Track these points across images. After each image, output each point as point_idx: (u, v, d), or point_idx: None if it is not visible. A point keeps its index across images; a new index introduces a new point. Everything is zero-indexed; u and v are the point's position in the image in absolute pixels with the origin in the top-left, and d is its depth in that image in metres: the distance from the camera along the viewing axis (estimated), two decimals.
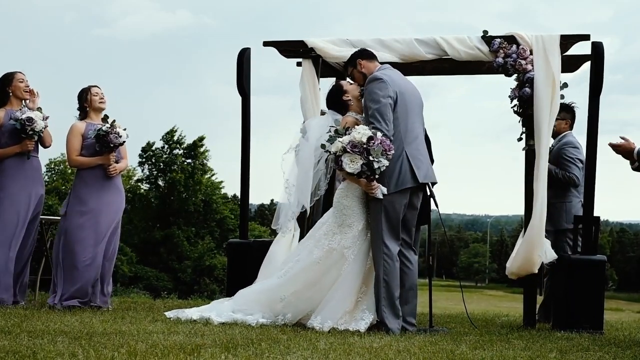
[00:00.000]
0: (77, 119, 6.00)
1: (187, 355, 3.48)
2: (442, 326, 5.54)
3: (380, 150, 4.78)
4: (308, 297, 5.01)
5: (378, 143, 4.78)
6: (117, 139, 5.78)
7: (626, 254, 68.24)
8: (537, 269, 5.46)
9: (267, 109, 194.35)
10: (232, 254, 6.22)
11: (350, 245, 4.99)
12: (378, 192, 4.91)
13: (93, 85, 6.03)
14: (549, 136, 5.54)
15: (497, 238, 76.36)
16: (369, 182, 4.88)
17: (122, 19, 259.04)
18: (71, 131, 5.92)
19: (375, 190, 4.90)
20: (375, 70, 5.19)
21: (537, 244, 5.42)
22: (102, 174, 5.87)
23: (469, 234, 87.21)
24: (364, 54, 5.34)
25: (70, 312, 5.37)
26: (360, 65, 5.27)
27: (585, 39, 5.60)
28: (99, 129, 5.76)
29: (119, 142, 5.80)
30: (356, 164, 4.81)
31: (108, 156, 5.84)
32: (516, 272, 5.55)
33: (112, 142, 5.76)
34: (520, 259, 5.48)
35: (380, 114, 4.91)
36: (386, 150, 4.81)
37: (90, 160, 5.85)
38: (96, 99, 5.96)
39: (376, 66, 5.26)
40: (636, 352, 4.17)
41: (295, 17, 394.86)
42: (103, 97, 6.00)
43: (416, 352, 3.89)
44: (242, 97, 6.29)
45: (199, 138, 40.37)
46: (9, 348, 3.52)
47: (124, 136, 5.85)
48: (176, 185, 39.09)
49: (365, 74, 5.21)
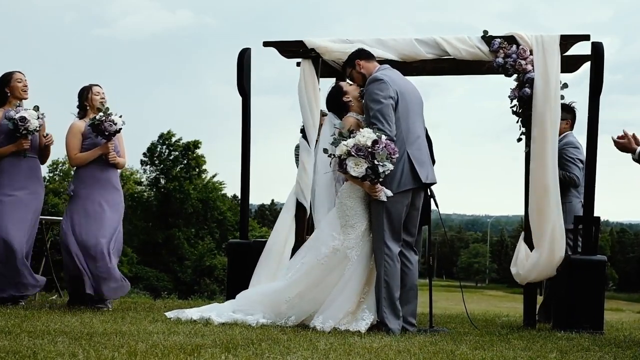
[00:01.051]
0: (75, 117, 6.00)
1: (187, 355, 3.48)
2: (442, 326, 5.54)
3: (385, 154, 4.75)
4: (311, 297, 5.01)
5: (383, 147, 4.75)
6: (112, 127, 5.78)
7: (626, 254, 68.26)
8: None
9: (267, 109, 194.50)
10: (232, 254, 6.22)
11: (353, 245, 4.98)
12: (382, 194, 4.90)
13: (95, 85, 6.03)
14: (556, 138, 5.51)
15: (498, 238, 76.36)
16: (373, 185, 4.87)
17: (122, 18, 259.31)
18: (70, 130, 5.93)
19: (379, 193, 4.89)
20: (375, 70, 5.18)
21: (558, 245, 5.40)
22: (99, 173, 5.87)
23: (469, 234, 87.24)
24: (362, 54, 5.31)
25: (71, 312, 5.38)
26: (359, 65, 5.25)
27: (585, 39, 5.60)
28: (93, 118, 5.78)
29: (114, 129, 5.80)
30: (361, 168, 4.77)
31: (107, 145, 5.85)
32: (535, 279, 5.53)
33: (106, 129, 5.77)
34: (535, 264, 5.43)
35: (382, 115, 4.90)
36: (391, 154, 4.77)
37: (89, 153, 5.87)
38: (97, 98, 5.97)
39: (375, 66, 5.24)
40: (636, 352, 4.17)
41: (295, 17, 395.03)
42: (104, 97, 6.00)
43: (416, 352, 3.89)
44: (242, 97, 6.29)
45: (194, 142, 40.32)
46: (9, 348, 3.52)
47: (120, 123, 5.84)
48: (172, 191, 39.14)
49: (365, 75, 5.20)
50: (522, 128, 5.64)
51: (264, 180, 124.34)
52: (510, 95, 5.64)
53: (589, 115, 5.51)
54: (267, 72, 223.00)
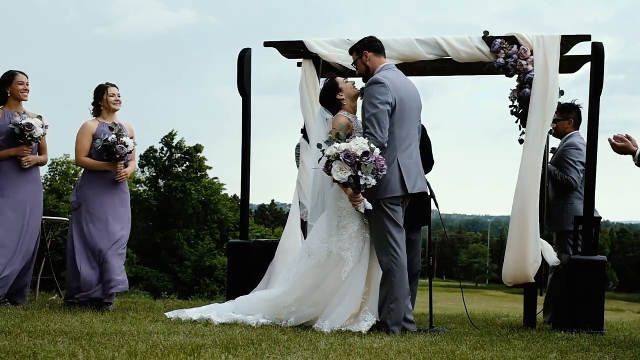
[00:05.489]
0: (90, 112, 5.97)
1: (187, 355, 3.48)
2: (442, 326, 5.54)
3: (372, 168, 4.69)
4: (312, 301, 5.00)
5: (372, 160, 4.69)
6: (123, 150, 5.77)
7: (626, 254, 68.23)
8: (533, 276, 5.43)
9: (267, 109, 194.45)
10: (233, 254, 6.21)
11: (347, 247, 4.96)
12: (361, 206, 4.87)
13: (111, 85, 5.98)
14: (544, 139, 5.48)
15: (498, 238, 76.29)
16: (355, 193, 4.84)
17: (123, 18, 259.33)
18: (82, 130, 5.89)
19: (358, 203, 4.87)
20: (380, 67, 5.12)
21: (529, 251, 5.37)
22: (108, 176, 5.87)
23: (469, 234, 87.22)
24: (372, 45, 5.20)
25: (71, 312, 5.37)
26: (366, 56, 5.17)
27: (586, 39, 5.59)
28: (105, 139, 5.75)
29: (124, 152, 5.79)
30: (344, 174, 4.72)
31: (115, 164, 5.84)
32: (512, 281, 5.54)
33: (117, 152, 5.76)
34: (513, 268, 5.46)
35: (376, 120, 4.87)
36: (378, 169, 4.72)
37: (97, 164, 5.85)
38: (112, 99, 5.93)
39: (381, 62, 5.17)
40: (636, 353, 4.17)
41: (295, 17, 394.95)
42: (119, 99, 5.97)
43: (416, 352, 3.89)
44: (242, 97, 6.29)
45: (196, 147, 40.35)
46: (9, 348, 3.52)
47: (130, 145, 5.83)
48: (173, 191, 39.16)
49: (369, 67, 5.14)
50: (523, 128, 5.64)
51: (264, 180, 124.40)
52: (510, 96, 5.64)
53: (589, 116, 5.50)
54: (267, 72, 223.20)
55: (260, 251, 6.02)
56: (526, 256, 5.38)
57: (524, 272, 5.41)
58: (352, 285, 4.95)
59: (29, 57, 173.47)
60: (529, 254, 5.37)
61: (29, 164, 5.87)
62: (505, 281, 5.63)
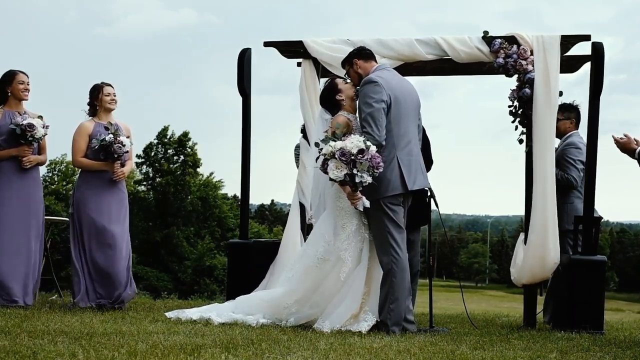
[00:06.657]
0: (85, 113, 5.98)
1: (187, 355, 3.48)
2: (442, 326, 5.54)
3: (367, 165, 4.69)
4: (312, 302, 5.00)
5: (367, 158, 4.69)
6: (121, 149, 5.78)
7: (626, 254, 68.24)
8: (551, 276, 5.46)
9: (267, 109, 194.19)
10: (232, 254, 6.22)
11: (346, 247, 4.96)
12: (359, 204, 4.88)
13: (107, 84, 5.98)
14: (553, 138, 5.52)
15: (498, 238, 76.36)
16: (353, 192, 4.85)
17: (123, 18, 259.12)
18: (78, 131, 5.89)
19: (357, 201, 4.88)
20: (372, 70, 5.15)
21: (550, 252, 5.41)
22: (105, 176, 5.87)
23: (469, 234, 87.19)
24: (361, 53, 5.27)
25: (71, 312, 5.38)
26: (356, 65, 5.21)
27: (586, 39, 5.60)
28: (102, 139, 5.75)
29: (122, 152, 5.79)
30: (340, 172, 4.72)
31: (113, 164, 5.84)
32: (529, 281, 5.54)
33: (115, 152, 5.76)
34: (531, 268, 5.46)
35: (372, 119, 4.87)
36: (374, 166, 4.72)
37: (95, 164, 5.85)
38: (107, 99, 5.92)
39: (373, 66, 5.19)
40: (636, 353, 4.17)
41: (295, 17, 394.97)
42: (114, 98, 5.96)
43: (416, 352, 3.89)
44: (242, 97, 6.29)
45: (184, 133, 40.43)
46: (9, 348, 3.52)
47: (128, 145, 5.84)
48: (169, 187, 39.15)
49: (361, 74, 5.16)
50: (523, 128, 5.65)
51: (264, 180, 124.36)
52: (510, 96, 5.64)
53: (589, 116, 5.50)
54: (267, 72, 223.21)
55: (260, 251, 6.02)
56: (547, 257, 5.42)
57: (543, 273, 5.45)
58: (353, 286, 4.95)
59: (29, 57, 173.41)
60: (550, 254, 5.42)
61: (30, 164, 5.87)
62: (519, 282, 5.61)
